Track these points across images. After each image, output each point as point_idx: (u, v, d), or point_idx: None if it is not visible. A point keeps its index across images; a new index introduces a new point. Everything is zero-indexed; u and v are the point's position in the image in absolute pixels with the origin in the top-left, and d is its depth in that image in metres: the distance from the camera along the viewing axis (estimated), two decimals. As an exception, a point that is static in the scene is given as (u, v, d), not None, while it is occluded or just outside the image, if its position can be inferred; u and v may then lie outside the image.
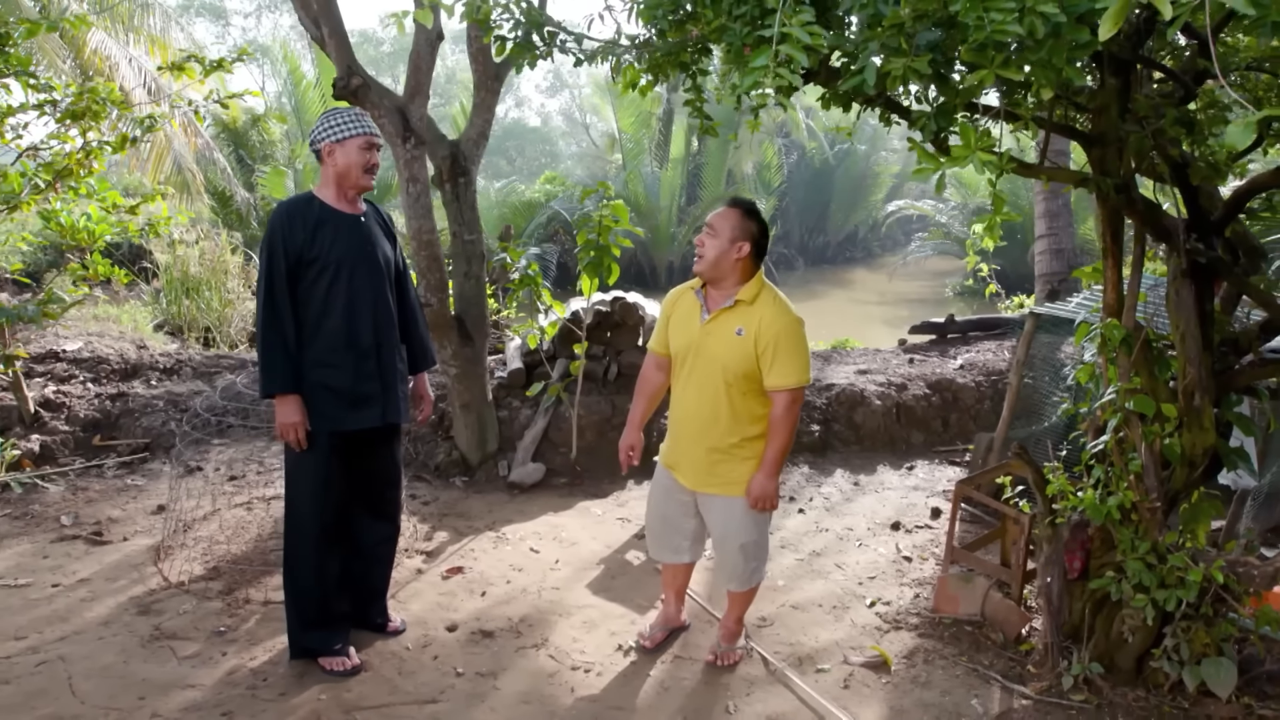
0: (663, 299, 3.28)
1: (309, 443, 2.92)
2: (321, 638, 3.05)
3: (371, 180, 3.01)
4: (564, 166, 26.22)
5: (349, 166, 2.94)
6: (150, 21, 12.01)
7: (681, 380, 2.95)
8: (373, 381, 3.02)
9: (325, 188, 2.99)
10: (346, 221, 2.99)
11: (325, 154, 2.94)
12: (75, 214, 5.22)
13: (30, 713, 2.77)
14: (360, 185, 2.99)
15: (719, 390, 2.83)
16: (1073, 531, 3.15)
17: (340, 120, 2.94)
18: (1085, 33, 1.54)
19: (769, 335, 2.76)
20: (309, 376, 2.92)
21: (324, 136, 2.92)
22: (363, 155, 2.94)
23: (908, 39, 1.70)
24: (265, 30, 37.31)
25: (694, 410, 2.90)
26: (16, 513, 4.26)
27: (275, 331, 2.86)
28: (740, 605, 3.17)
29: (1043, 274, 7.84)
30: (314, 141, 2.95)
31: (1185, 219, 2.87)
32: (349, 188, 2.99)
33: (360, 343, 2.98)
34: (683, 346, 2.92)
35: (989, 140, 1.57)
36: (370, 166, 2.98)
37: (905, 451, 5.59)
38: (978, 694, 3.01)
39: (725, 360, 2.81)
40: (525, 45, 2.49)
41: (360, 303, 2.98)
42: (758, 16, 2.35)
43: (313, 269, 2.91)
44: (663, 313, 3.06)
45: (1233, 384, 2.99)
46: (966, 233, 17.22)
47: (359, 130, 2.94)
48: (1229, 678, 2.83)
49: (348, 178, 2.96)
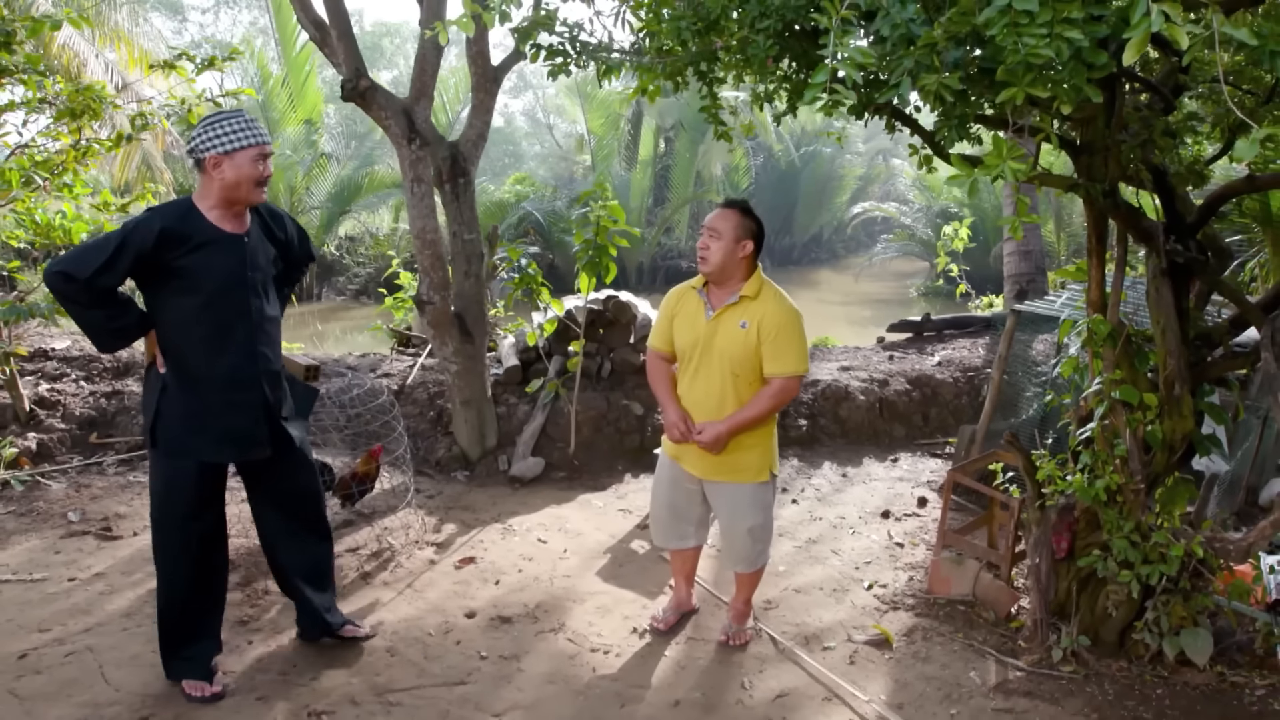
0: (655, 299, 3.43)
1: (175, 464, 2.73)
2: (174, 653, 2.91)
3: (263, 194, 2.71)
4: (528, 167, 26.24)
5: (239, 181, 2.62)
6: (117, 18, 11.83)
7: (689, 374, 3.10)
8: (247, 413, 2.79)
9: (206, 199, 2.66)
10: (226, 243, 2.68)
11: (210, 165, 2.60)
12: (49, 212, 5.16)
13: (67, 700, 2.83)
14: (250, 200, 2.69)
15: (726, 382, 3.00)
16: (1060, 514, 3.37)
17: (229, 128, 2.61)
18: (1103, 56, 1.73)
19: (772, 327, 2.94)
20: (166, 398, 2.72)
21: (209, 146, 2.59)
22: (255, 168, 2.63)
23: (939, 57, 1.87)
24: (224, 26, 36.73)
25: (702, 402, 3.06)
26: (21, 509, 4.27)
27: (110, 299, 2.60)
28: (749, 587, 3.34)
29: (1011, 274, 8.14)
30: (195, 150, 2.61)
31: (1164, 222, 3.10)
32: (237, 203, 2.68)
33: (229, 375, 2.73)
34: (689, 343, 3.07)
35: (1018, 150, 1.74)
36: (263, 179, 2.67)
37: (889, 444, 5.81)
38: (974, 667, 3.21)
39: (732, 353, 2.98)
40: (563, 55, 2.62)
41: (233, 334, 2.72)
42: (780, 31, 2.53)
43: (174, 284, 2.63)
44: (664, 311, 3.19)
45: (1206, 375, 3.23)
46: (931, 235, 17.67)
47: (251, 140, 2.62)
48: (1205, 646, 3.06)
49: (237, 192, 2.64)
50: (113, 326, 2.69)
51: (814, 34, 2.62)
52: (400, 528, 4.19)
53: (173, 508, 2.79)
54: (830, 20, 1.72)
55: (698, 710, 2.92)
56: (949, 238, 8.38)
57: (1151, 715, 2.90)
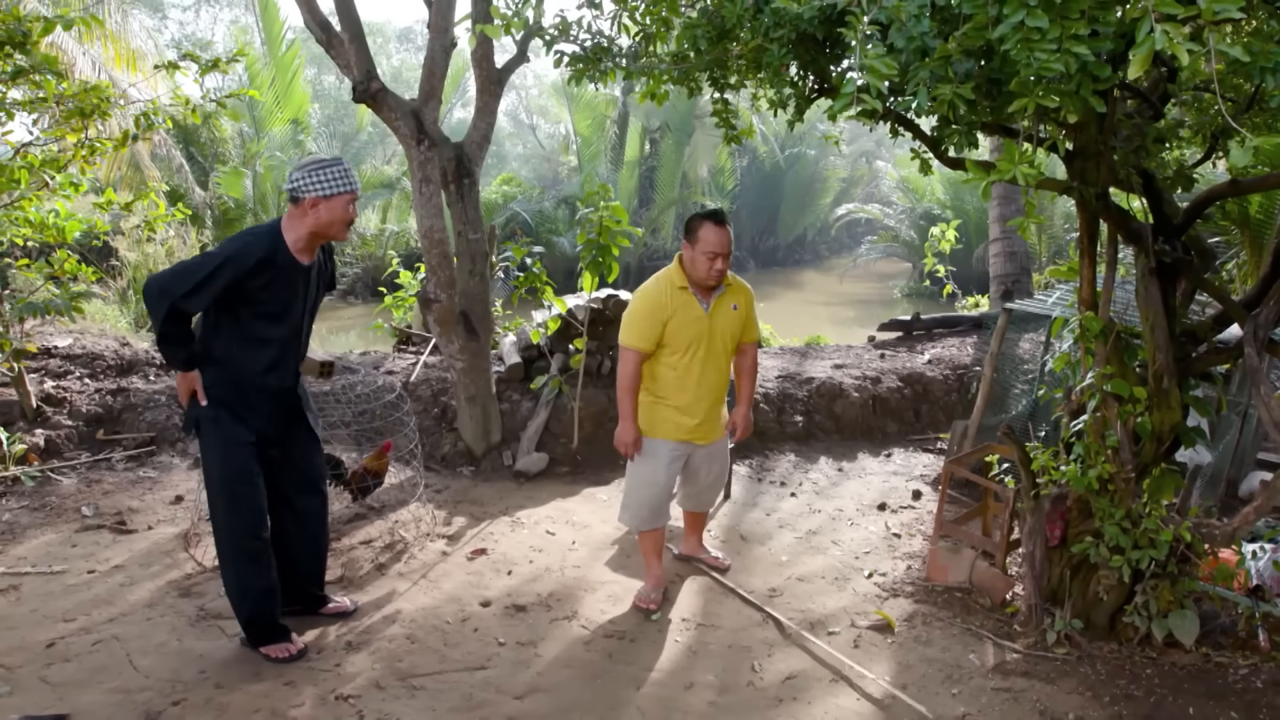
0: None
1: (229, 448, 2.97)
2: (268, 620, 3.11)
3: (348, 234, 3.01)
4: (511, 168, 26.33)
5: (331, 222, 2.90)
6: (114, 19, 11.79)
7: (698, 362, 3.49)
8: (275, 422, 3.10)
9: (294, 233, 2.91)
10: (301, 272, 2.97)
11: (308, 205, 2.86)
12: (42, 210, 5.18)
13: (98, 687, 2.90)
14: (337, 239, 3.00)
15: (725, 358, 3.58)
16: (1053, 504, 3.51)
17: (330, 175, 2.87)
18: (1107, 69, 1.87)
19: (747, 303, 3.60)
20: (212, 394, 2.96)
21: (310, 190, 2.84)
22: (346, 211, 2.91)
23: (951, 68, 2.00)
24: (204, 25, 36.46)
25: (715, 385, 3.55)
26: (34, 505, 4.32)
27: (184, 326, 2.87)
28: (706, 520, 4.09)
29: (997, 275, 8.35)
30: (297, 190, 2.86)
31: (1152, 224, 3.26)
32: (324, 239, 2.98)
33: (271, 387, 3.04)
34: (693, 337, 3.46)
35: (1029, 155, 1.87)
36: (351, 221, 2.95)
37: (882, 440, 5.97)
38: (973, 650, 3.35)
39: (729, 332, 3.53)
40: (587, 62, 2.73)
41: (284, 352, 3.04)
42: (793, 40, 2.65)
43: (245, 305, 2.90)
44: (654, 315, 3.42)
45: (1191, 370, 3.39)
46: (914, 237, 17.92)
47: (347, 187, 2.89)
48: (1192, 628, 3.22)
49: (329, 230, 2.92)
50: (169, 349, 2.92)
51: (824, 43, 2.75)
52: (411, 521, 4.28)
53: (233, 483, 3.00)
54: (855, 33, 1.84)
55: (711, 692, 3.04)
56: (936, 239, 8.56)
57: (1141, 694, 3.04)
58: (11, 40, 4.04)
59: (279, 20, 16.40)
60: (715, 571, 3.93)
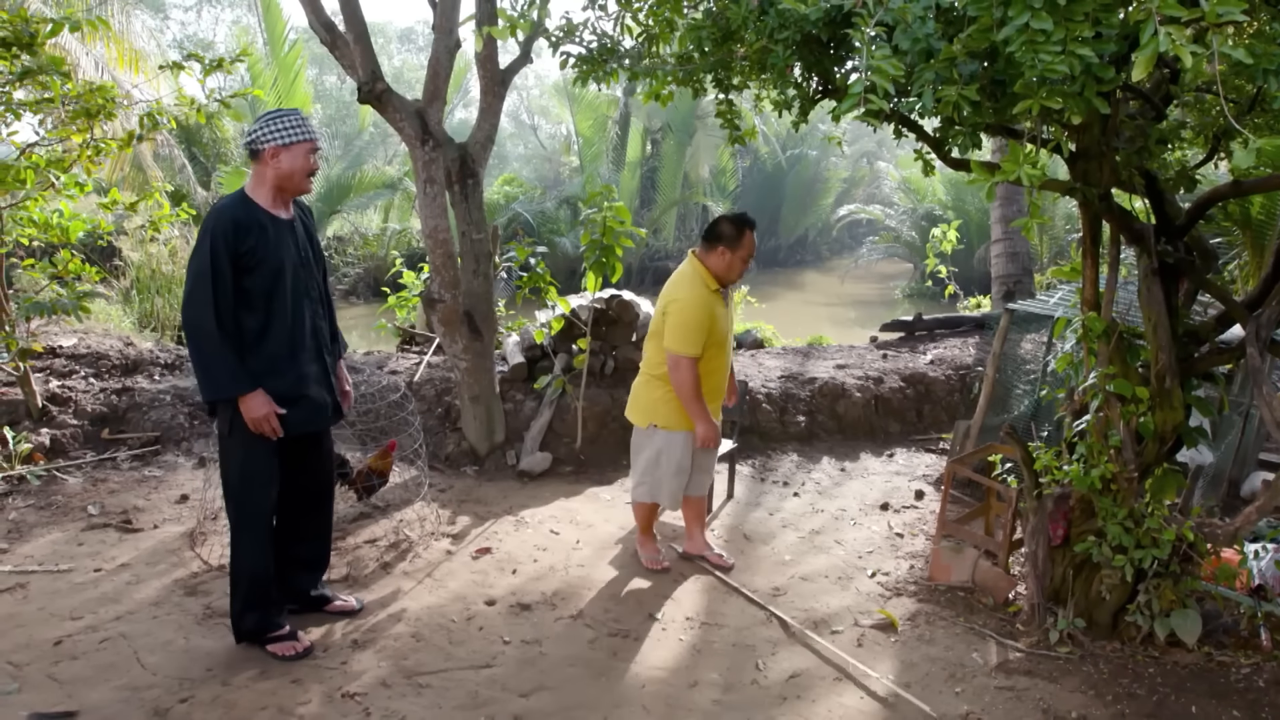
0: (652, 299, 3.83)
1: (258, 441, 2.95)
2: (263, 618, 3.12)
3: (311, 185, 3.04)
4: (512, 168, 26.37)
5: (293, 171, 2.93)
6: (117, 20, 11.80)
7: (721, 354, 3.72)
8: (316, 385, 3.09)
9: (260, 189, 2.95)
10: (282, 226, 2.98)
11: (268, 156, 2.90)
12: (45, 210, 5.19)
13: (106, 684, 2.92)
14: (301, 190, 3.01)
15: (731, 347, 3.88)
16: (1056, 503, 3.53)
17: (287, 123, 2.91)
18: (1110, 71, 1.88)
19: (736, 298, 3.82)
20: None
21: (269, 139, 2.88)
22: (307, 160, 2.94)
23: (956, 70, 2.02)
24: (205, 25, 36.52)
25: (725, 369, 3.81)
26: (40, 503, 4.34)
27: (222, 331, 2.83)
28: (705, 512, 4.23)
29: (999, 276, 8.35)
30: (255, 142, 2.89)
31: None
32: (289, 192, 2.99)
33: (303, 348, 3.03)
34: (722, 333, 3.69)
35: (1034, 157, 1.89)
36: (313, 171, 2.98)
37: (884, 440, 5.98)
38: (976, 649, 3.36)
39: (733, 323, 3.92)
40: (594, 64, 2.74)
41: (300, 308, 3.03)
42: (797, 41, 2.67)
43: (252, 276, 2.89)
44: (704, 320, 3.59)
45: (1194, 370, 3.40)
46: (916, 237, 17.92)
47: (306, 134, 2.92)
48: (1195, 627, 3.23)
49: (290, 181, 2.95)
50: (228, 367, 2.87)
51: (828, 44, 2.77)
52: (416, 520, 4.30)
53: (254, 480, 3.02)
54: (862, 35, 1.86)
55: (715, 690, 3.05)
56: (938, 240, 8.57)
57: (1144, 692, 3.06)
58: (19, 41, 4.06)
59: (282, 21, 16.42)
60: (719, 570, 3.95)
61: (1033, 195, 2.00)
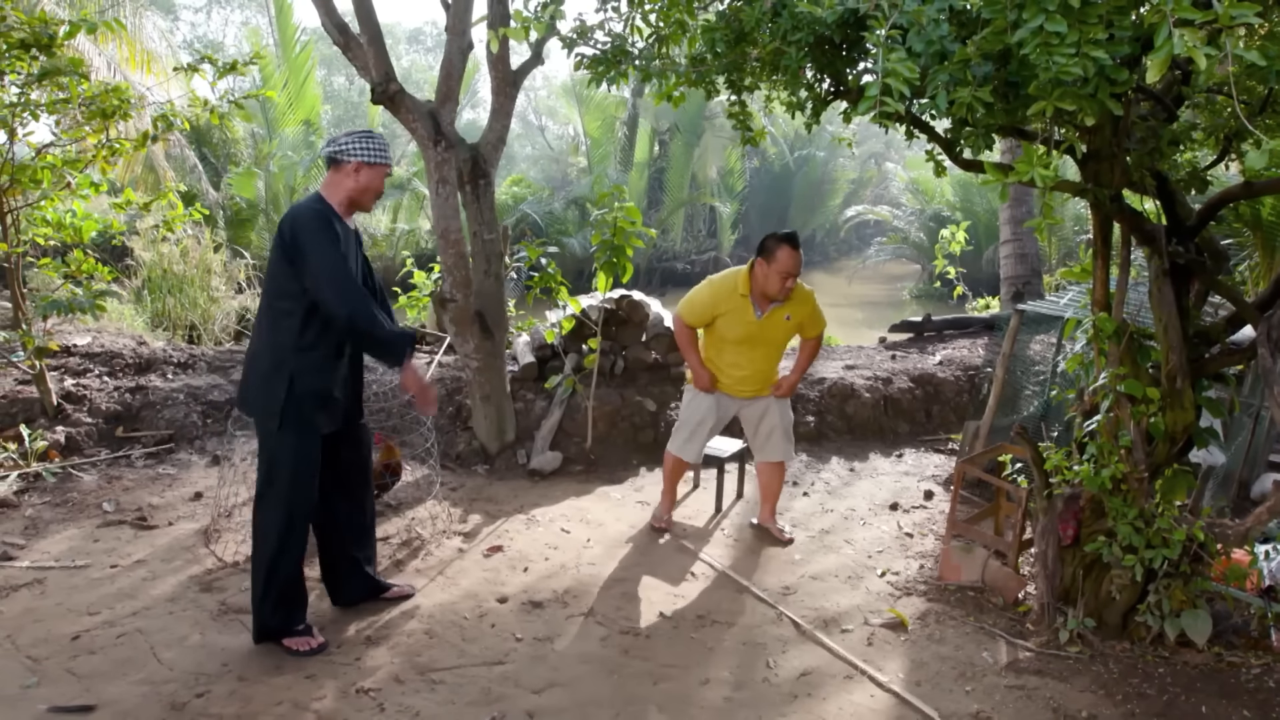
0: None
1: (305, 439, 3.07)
2: (287, 614, 3.17)
3: (373, 207, 3.31)
4: (520, 169, 26.43)
5: (369, 188, 3.09)
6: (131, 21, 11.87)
7: (745, 351, 4.08)
8: (341, 387, 3.19)
9: (335, 196, 3.08)
10: (351, 234, 3.15)
11: (352, 168, 3.03)
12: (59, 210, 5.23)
13: (123, 679, 2.95)
14: (366, 208, 3.18)
15: (777, 350, 4.18)
16: (1066, 503, 3.54)
17: (376, 145, 3.07)
18: (1124, 73, 1.89)
19: (803, 313, 4.11)
20: (299, 384, 3.02)
21: (358, 154, 3.02)
22: (381, 183, 3.12)
23: (970, 72, 2.04)
24: (215, 26, 36.71)
25: (763, 366, 4.15)
26: (56, 500, 4.38)
27: (371, 310, 2.98)
28: (781, 480, 4.40)
29: (1008, 277, 8.35)
30: (342, 152, 3.02)
31: (1165, 226, 3.28)
32: (358, 206, 3.14)
33: (344, 353, 3.17)
34: (743, 335, 4.03)
35: (1046, 159, 1.90)
36: (379, 194, 3.16)
37: (893, 440, 5.99)
38: (986, 648, 3.37)
39: (780, 337, 4.12)
40: (608, 64, 2.77)
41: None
42: (811, 43, 2.69)
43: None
44: (710, 304, 4.06)
45: (1204, 371, 3.41)
46: (924, 238, 17.91)
47: (388, 159, 3.12)
48: (1205, 627, 3.24)
49: (364, 197, 3.10)
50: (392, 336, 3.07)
51: (841, 46, 2.78)
52: (428, 518, 4.32)
53: (301, 476, 3.10)
54: (877, 37, 1.88)
55: (726, 688, 3.07)
56: (946, 240, 8.57)
57: (1154, 692, 3.06)
58: (38, 43, 4.11)
59: (292, 23, 16.51)
60: (779, 545, 4.28)
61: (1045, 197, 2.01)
